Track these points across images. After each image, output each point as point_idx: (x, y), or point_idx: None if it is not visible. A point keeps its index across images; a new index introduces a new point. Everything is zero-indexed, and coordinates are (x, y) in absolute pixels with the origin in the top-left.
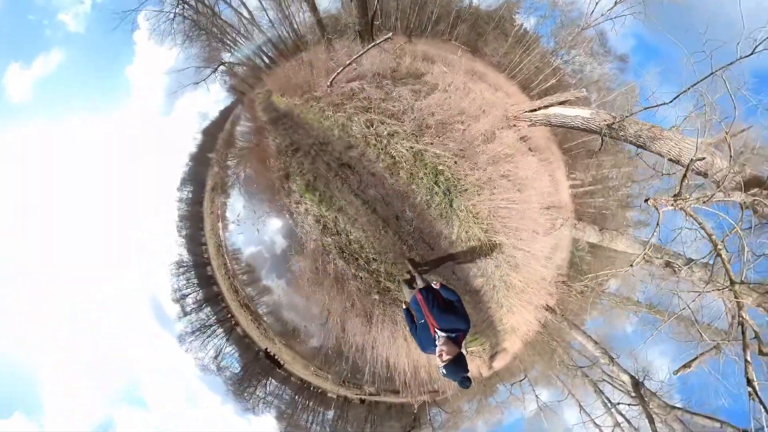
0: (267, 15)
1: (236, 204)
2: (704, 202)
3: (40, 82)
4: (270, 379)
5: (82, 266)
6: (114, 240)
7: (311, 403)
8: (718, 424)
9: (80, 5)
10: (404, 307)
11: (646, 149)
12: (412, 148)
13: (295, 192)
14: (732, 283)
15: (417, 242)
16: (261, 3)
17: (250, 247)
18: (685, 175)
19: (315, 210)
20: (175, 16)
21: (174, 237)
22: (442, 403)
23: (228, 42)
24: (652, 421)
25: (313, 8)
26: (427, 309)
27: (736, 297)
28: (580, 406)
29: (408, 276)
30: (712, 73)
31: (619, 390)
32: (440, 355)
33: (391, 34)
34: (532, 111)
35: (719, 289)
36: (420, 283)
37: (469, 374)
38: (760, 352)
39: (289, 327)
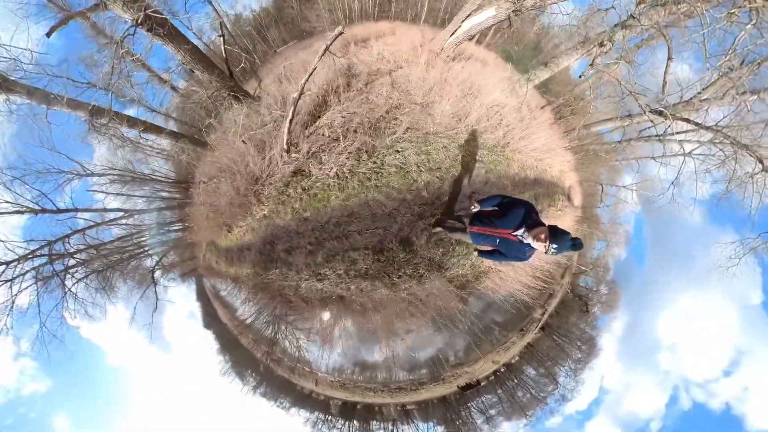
0: (136, 196)
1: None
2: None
3: None
4: (470, 402)
5: None
6: None
7: (511, 382)
8: None
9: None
10: (476, 252)
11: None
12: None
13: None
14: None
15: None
16: (124, 193)
17: (336, 350)
18: None
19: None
20: (76, 291)
21: (282, 413)
22: (579, 273)
23: (136, 252)
24: (689, 121)
25: (159, 131)
26: (491, 229)
27: None
28: (652, 157)
29: (440, 230)
30: None
31: (656, 125)
32: (539, 242)
33: (342, 26)
34: (451, 35)
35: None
36: (466, 222)
37: (572, 234)
38: None
39: (434, 360)
